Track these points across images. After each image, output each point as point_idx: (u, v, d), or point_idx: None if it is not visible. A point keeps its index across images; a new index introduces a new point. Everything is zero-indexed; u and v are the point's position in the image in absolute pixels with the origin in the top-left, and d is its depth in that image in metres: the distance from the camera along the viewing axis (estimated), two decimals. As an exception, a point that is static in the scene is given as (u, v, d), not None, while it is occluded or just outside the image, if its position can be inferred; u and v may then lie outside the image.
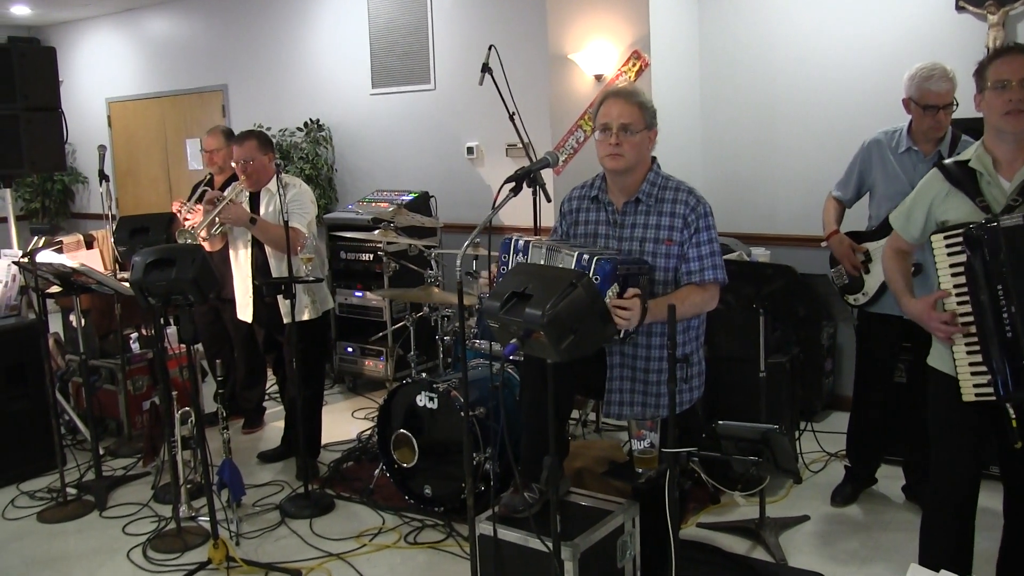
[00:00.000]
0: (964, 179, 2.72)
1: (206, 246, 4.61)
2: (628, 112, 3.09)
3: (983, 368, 2.64)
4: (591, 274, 2.79)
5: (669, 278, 3.12)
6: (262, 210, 4.59)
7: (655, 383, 3.14)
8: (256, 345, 5.04)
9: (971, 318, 2.64)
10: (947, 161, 2.83)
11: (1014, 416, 2.62)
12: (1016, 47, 2.76)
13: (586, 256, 2.84)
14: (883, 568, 3.59)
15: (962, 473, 2.82)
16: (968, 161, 2.74)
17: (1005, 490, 2.94)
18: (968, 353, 2.66)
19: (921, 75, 3.69)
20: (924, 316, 2.75)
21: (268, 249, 4.57)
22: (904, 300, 2.90)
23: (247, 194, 4.63)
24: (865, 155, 3.99)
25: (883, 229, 3.92)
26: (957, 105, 3.68)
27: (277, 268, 4.56)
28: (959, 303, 2.66)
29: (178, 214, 5.14)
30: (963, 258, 2.63)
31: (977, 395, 2.65)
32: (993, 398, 2.62)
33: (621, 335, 2.90)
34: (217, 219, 4.51)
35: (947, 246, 2.65)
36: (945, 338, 2.70)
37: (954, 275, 2.66)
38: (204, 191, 5.23)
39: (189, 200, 5.19)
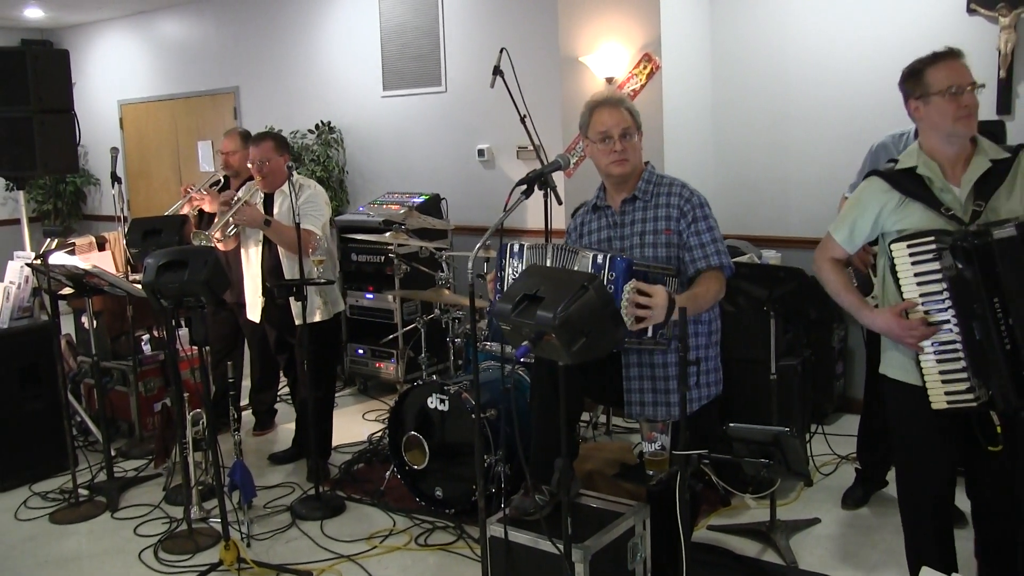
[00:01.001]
0: (916, 188, 2.70)
1: (220, 246, 4.63)
2: (624, 118, 3.15)
3: (960, 376, 2.60)
4: (607, 271, 2.79)
5: (673, 266, 3.14)
6: (276, 211, 4.60)
7: (674, 378, 3.14)
8: (269, 348, 5.05)
9: (951, 327, 2.60)
10: (886, 169, 2.81)
11: (999, 423, 2.62)
12: (951, 52, 2.72)
13: (600, 256, 2.84)
14: (894, 571, 3.58)
15: (938, 477, 2.82)
16: (914, 168, 2.72)
17: (972, 492, 2.92)
18: (938, 362, 2.62)
19: None
20: (894, 326, 2.68)
21: (281, 250, 4.58)
22: (863, 313, 2.82)
23: (261, 195, 4.65)
24: (873, 159, 3.99)
25: None
26: None
27: (290, 269, 4.57)
28: (929, 311, 2.62)
29: (188, 191, 5.14)
30: (933, 266, 2.59)
31: (950, 403, 2.61)
32: (973, 405, 2.59)
33: (650, 333, 2.87)
34: (232, 220, 4.52)
35: (912, 255, 2.62)
36: (914, 345, 2.66)
37: (920, 284, 2.62)
38: (219, 180, 5.25)
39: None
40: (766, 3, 5.45)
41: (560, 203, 4.18)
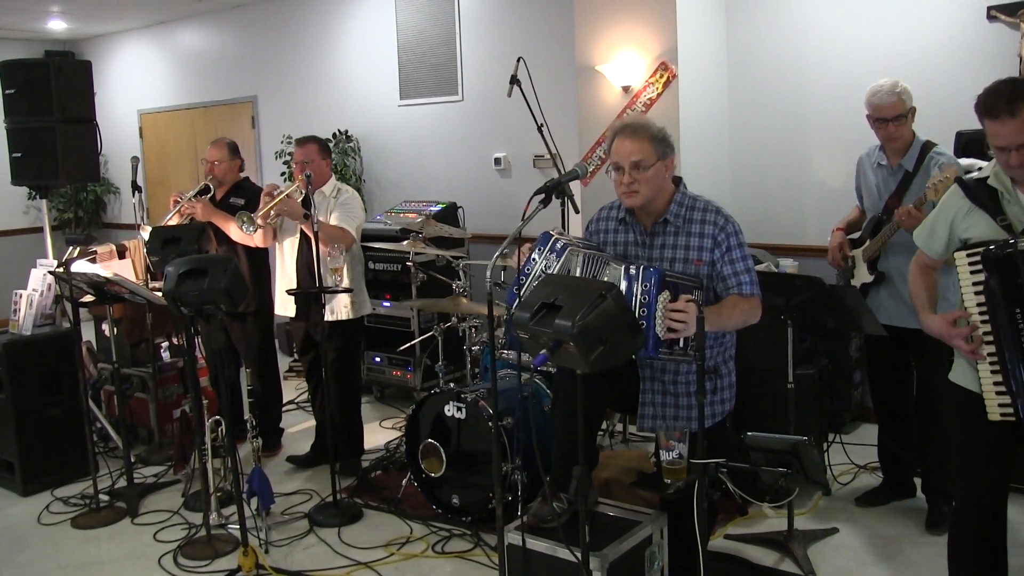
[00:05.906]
0: (984, 197, 2.70)
1: (256, 238, 4.71)
2: (638, 149, 3.07)
3: (1004, 388, 2.60)
4: (640, 283, 2.79)
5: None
6: (314, 209, 4.65)
7: (684, 395, 3.14)
8: (270, 364, 5.09)
9: (992, 337, 2.61)
10: (967, 177, 2.83)
11: None
12: (1001, 110, 2.57)
13: (633, 268, 2.84)
14: (914, 582, 3.57)
15: (985, 488, 2.79)
16: (988, 179, 2.73)
17: None
18: (992, 372, 2.63)
19: (871, 91, 3.87)
20: (945, 331, 2.73)
21: (317, 250, 4.59)
22: (923, 315, 2.88)
23: (302, 193, 4.70)
24: (856, 170, 4.20)
25: (862, 239, 4.10)
26: (912, 113, 3.83)
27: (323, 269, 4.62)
28: (981, 322, 2.63)
29: (178, 200, 5.12)
30: (983, 277, 2.60)
31: (1002, 415, 2.62)
32: (1013, 419, 2.59)
33: (681, 344, 2.90)
34: (273, 209, 4.59)
35: (970, 264, 2.63)
36: (969, 354, 2.67)
37: (976, 294, 2.63)
38: (206, 187, 5.24)
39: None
40: (782, 10, 5.45)
41: (577, 212, 4.21)
